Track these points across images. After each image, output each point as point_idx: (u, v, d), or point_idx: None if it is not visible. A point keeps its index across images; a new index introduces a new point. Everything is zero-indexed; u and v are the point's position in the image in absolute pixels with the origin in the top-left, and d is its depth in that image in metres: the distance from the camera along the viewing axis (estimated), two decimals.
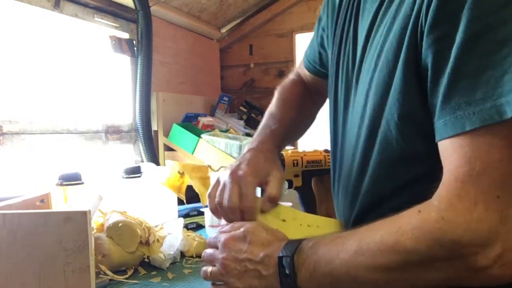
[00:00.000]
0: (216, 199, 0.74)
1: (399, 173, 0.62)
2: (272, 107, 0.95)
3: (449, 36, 0.51)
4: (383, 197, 0.65)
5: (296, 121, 0.94)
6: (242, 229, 0.67)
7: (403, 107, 0.58)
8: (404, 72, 0.57)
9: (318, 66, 0.96)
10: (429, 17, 0.52)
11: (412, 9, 0.56)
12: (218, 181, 0.77)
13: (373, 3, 0.68)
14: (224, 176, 0.75)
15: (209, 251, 0.70)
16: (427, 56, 0.54)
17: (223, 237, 0.67)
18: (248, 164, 0.75)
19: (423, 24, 0.54)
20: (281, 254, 0.61)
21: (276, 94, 1.00)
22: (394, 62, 0.59)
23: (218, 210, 0.75)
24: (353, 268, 0.55)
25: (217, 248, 0.68)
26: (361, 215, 0.69)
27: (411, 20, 0.56)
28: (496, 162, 0.48)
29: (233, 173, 0.74)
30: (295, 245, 0.61)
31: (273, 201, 0.74)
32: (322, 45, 0.93)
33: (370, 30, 0.68)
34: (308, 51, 1.00)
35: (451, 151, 0.52)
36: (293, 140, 0.92)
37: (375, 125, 0.64)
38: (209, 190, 0.78)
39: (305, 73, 1.01)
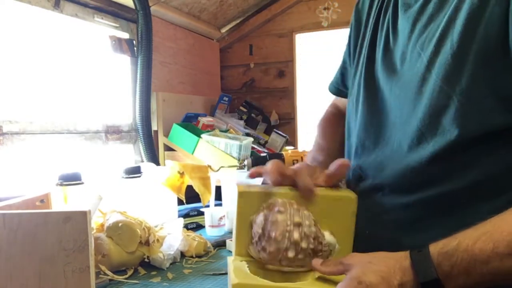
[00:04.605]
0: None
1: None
2: (317, 138, 1.05)
3: None
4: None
5: (338, 149, 0.99)
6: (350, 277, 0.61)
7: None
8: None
9: (341, 86, 1.04)
10: None
11: (495, 11, 0.61)
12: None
13: None
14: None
15: None
16: None
17: None
18: None
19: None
20: (422, 279, 0.57)
21: (318, 128, 1.08)
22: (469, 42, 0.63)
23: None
24: None
25: None
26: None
27: (483, 9, 0.62)
28: None
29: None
30: (426, 259, 0.58)
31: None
32: (345, 67, 1.02)
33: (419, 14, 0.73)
34: (332, 80, 1.08)
35: None
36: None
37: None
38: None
39: (341, 101, 1.08)
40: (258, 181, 0.89)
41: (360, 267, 0.62)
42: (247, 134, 2.19)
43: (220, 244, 1.20)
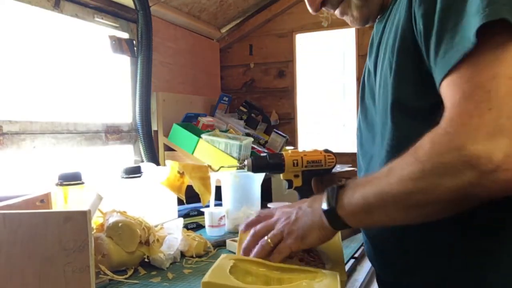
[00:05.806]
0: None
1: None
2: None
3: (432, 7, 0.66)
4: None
5: None
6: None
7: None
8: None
9: None
10: (417, 5, 0.68)
11: (406, 12, 0.71)
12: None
13: (380, 25, 0.87)
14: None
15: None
16: (419, 25, 0.67)
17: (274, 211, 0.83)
18: None
19: (415, 11, 0.69)
20: (329, 191, 0.73)
21: None
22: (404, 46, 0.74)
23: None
24: (385, 184, 0.65)
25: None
26: None
27: (404, 16, 0.72)
28: (484, 82, 0.58)
29: None
30: (338, 186, 0.73)
31: None
32: None
33: (378, 47, 0.86)
34: None
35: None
36: None
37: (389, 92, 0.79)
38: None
39: None
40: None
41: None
42: (247, 134, 2.18)
43: (220, 244, 1.20)
